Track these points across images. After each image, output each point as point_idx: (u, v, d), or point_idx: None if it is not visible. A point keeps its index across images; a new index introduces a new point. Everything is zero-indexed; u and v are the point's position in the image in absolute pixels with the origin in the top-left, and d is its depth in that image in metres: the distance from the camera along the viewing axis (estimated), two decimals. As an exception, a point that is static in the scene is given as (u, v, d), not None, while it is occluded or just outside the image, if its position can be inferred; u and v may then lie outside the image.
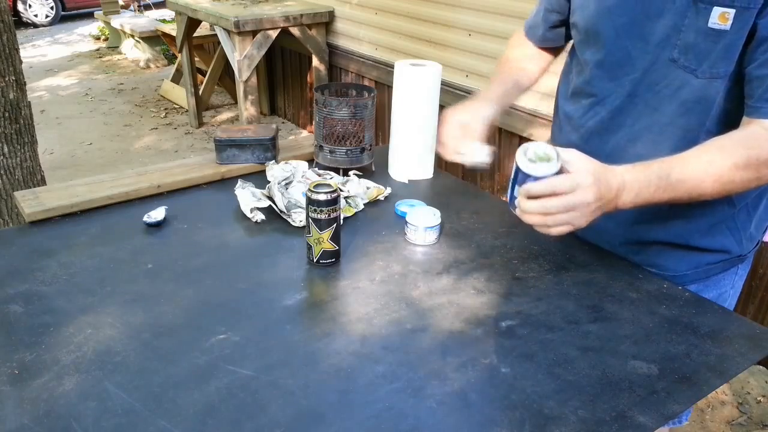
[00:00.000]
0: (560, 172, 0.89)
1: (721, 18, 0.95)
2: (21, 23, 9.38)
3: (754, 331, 1.00)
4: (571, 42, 1.25)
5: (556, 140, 1.28)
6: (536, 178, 0.90)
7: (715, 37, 0.96)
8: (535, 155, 0.91)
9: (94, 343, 0.94)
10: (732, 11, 0.94)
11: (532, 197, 0.90)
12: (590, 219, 0.91)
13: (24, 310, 1.01)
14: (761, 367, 2.44)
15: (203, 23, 4.70)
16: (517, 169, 0.93)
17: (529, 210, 0.91)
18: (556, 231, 0.91)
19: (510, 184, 0.98)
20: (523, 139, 2.92)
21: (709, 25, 0.96)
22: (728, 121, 1.02)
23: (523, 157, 0.92)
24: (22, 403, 0.82)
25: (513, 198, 0.97)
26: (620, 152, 1.09)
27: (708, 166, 0.93)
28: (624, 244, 1.19)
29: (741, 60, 0.97)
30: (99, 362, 0.90)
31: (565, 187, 0.88)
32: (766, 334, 1.00)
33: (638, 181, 0.92)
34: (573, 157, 0.90)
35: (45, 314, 1.00)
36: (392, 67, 1.52)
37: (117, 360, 0.90)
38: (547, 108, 1.37)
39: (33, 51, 7.97)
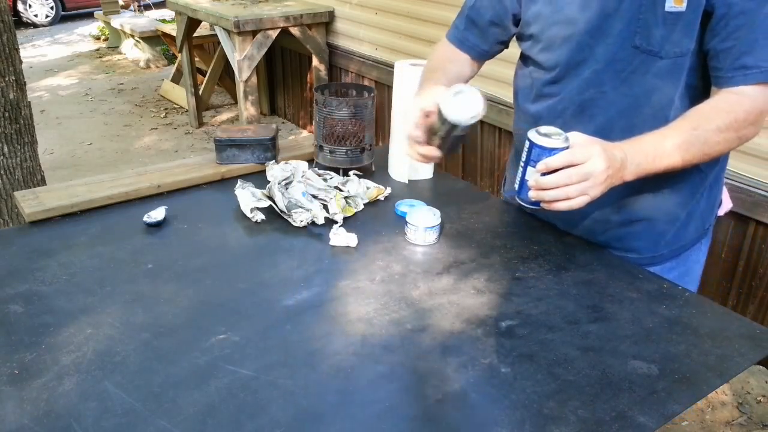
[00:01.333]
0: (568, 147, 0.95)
1: (676, 1, 1.00)
2: (21, 23, 9.38)
3: (754, 331, 1.00)
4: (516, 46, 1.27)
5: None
6: (551, 152, 0.94)
7: (674, 19, 1.01)
8: (549, 131, 0.96)
9: (94, 343, 0.94)
10: None
11: (549, 171, 0.94)
12: (603, 189, 0.95)
13: (24, 310, 1.01)
14: (761, 367, 2.44)
15: (203, 23, 4.70)
16: (531, 149, 0.97)
17: (550, 183, 0.94)
18: (575, 202, 0.94)
19: (520, 172, 1.00)
20: (523, 139, 2.92)
21: (666, 9, 1.01)
22: (694, 96, 1.08)
23: (537, 134, 0.97)
24: (22, 403, 0.82)
25: (525, 183, 0.99)
26: None
27: (696, 131, 1.00)
28: (608, 227, 1.22)
29: (701, 38, 1.03)
30: (99, 362, 0.90)
31: (580, 156, 0.93)
32: (766, 334, 1.00)
33: (638, 152, 0.98)
34: (573, 134, 0.96)
35: (45, 314, 1.00)
36: (392, 67, 1.52)
37: (117, 360, 0.90)
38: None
39: (33, 51, 7.97)
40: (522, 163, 0.99)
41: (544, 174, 0.95)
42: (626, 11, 1.04)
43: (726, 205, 1.32)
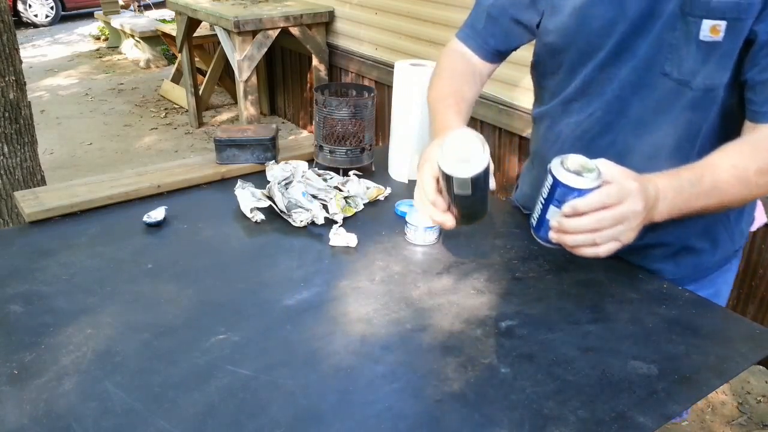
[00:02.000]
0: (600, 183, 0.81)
1: (712, 30, 0.93)
2: (21, 23, 9.38)
3: (754, 331, 1.00)
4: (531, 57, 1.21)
5: (542, 161, 1.21)
6: (581, 193, 0.80)
7: (708, 49, 0.94)
8: (578, 166, 0.81)
9: (94, 343, 0.94)
10: (723, 23, 0.91)
11: (579, 214, 0.81)
12: (636, 234, 0.83)
13: (24, 310, 1.01)
14: (761, 367, 2.45)
15: (203, 23, 4.71)
16: (555, 186, 0.83)
17: (578, 228, 0.82)
18: (603, 250, 0.82)
19: (540, 208, 0.87)
20: (523, 139, 2.93)
21: (701, 37, 0.93)
22: (724, 130, 1.00)
23: (563, 170, 0.82)
24: (22, 403, 0.82)
25: (545, 222, 0.87)
26: None
27: (734, 171, 0.90)
28: (624, 252, 1.17)
29: (738, 66, 0.95)
30: (99, 362, 0.90)
31: (615, 197, 0.80)
32: (766, 334, 1.00)
33: (672, 188, 0.86)
34: (606, 164, 0.82)
35: (45, 314, 1.00)
36: (392, 67, 1.52)
37: (117, 360, 0.90)
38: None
39: (33, 51, 7.97)
40: (542, 200, 0.86)
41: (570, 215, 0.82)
42: (656, 34, 0.98)
43: (759, 219, 1.24)
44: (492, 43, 1.20)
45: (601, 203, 0.80)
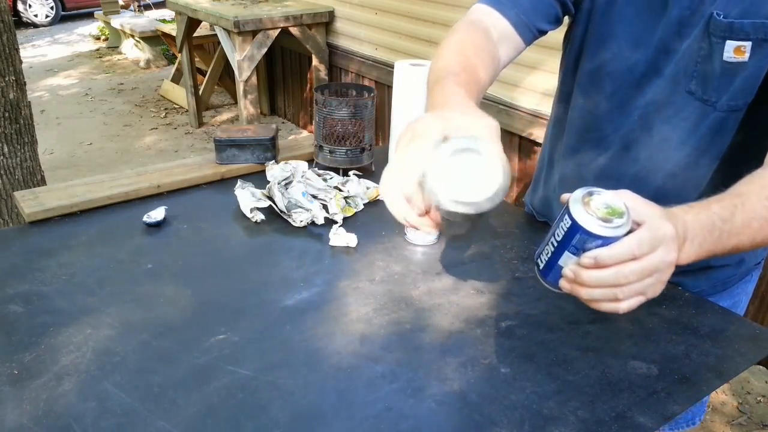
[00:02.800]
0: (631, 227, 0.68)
1: (736, 51, 0.91)
2: (21, 23, 9.38)
3: (754, 331, 1.00)
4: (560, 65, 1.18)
5: (560, 173, 1.22)
6: (606, 241, 0.67)
7: (734, 69, 0.93)
8: (605, 209, 0.67)
9: (94, 343, 0.94)
10: (748, 44, 0.90)
11: (601, 266, 0.68)
12: (665, 285, 0.71)
13: (24, 310, 1.01)
14: (761, 367, 2.45)
15: (203, 23, 4.71)
16: (574, 231, 0.68)
17: (598, 282, 0.69)
18: (626, 306, 0.71)
19: (551, 250, 0.73)
20: (523, 139, 2.92)
21: (725, 58, 0.92)
22: (748, 152, 0.97)
23: (586, 213, 0.67)
24: (22, 403, 0.82)
25: (555, 267, 0.74)
26: (636, 188, 0.95)
27: None
28: None
29: (765, 86, 0.92)
30: (98, 362, 0.90)
31: (647, 246, 0.67)
32: (766, 334, 1.00)
33: (701, 224, 0.74)
34: (635, 200, 0.70)
35: (45, 314, 1.00)
36: (392, 67, 1.52)
37: (116, 360, 0.90)
38: (548, 108, 1.37)
39: (33, 51, 7.97)
40: (554, 241, 0.72)
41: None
42: (682, 53, 0.97)
43: None
44: (535, 19, 1.02)
45: (631, 254, 0.67)
